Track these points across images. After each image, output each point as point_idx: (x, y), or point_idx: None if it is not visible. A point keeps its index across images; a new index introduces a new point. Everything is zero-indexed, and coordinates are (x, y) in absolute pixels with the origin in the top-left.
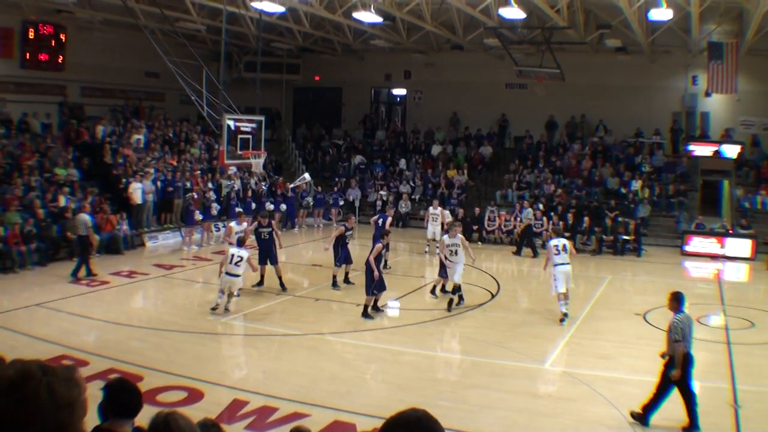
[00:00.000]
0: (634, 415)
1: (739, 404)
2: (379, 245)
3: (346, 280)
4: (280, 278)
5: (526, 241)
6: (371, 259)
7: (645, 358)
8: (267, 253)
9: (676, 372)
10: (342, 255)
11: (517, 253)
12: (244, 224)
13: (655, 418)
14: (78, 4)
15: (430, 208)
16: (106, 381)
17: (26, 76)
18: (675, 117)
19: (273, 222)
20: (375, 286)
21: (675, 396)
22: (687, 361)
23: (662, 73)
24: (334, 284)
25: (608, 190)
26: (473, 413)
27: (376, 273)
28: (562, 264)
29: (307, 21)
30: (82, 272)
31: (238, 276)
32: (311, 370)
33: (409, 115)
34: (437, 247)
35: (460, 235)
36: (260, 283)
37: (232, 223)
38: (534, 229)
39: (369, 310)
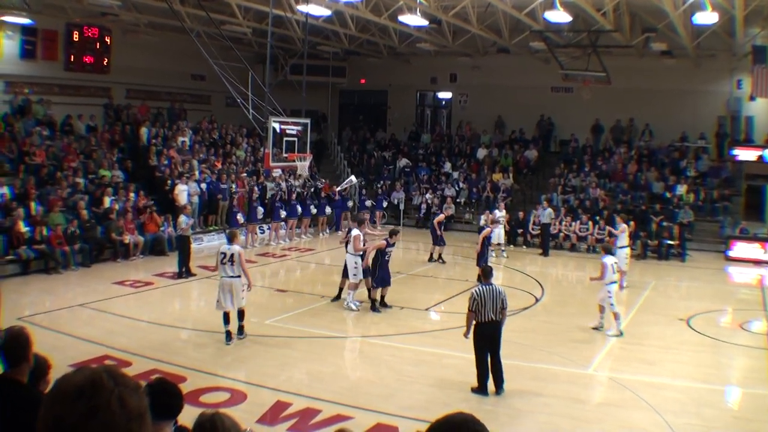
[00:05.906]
0: (473, 390)
1: None
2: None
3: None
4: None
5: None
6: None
7: (689, 363)
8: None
9: (465, 332)
10: None
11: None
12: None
13: None
14: (123, 7)
15: (496, 211)
16: (148, 382)
17: (70, 78)
18: (720, 121)
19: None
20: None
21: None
22: (483, 329)
23: (707, 76)
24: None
25: (653, 195)
26: (516, 417)
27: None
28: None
29: (353, 24)
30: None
31: None
32: (355, 373)
33: (455, 118)
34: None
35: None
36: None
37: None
38: (579, 233)
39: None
